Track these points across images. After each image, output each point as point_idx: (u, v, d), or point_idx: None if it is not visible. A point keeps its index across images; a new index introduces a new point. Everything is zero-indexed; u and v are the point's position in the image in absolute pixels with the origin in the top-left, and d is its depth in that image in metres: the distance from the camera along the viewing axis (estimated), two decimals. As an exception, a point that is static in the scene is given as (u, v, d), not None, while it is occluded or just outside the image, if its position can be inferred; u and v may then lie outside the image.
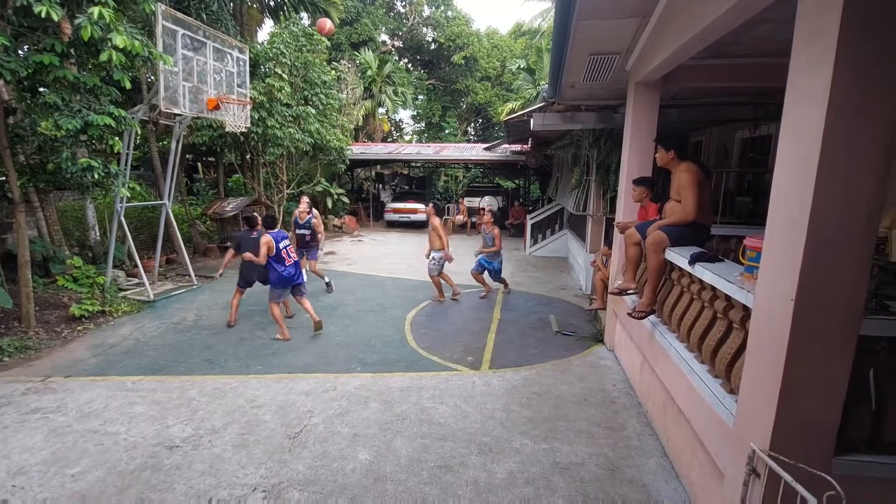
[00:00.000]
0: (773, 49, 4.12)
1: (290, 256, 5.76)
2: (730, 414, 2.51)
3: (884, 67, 1.79)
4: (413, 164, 22.25)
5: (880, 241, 3.51)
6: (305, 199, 8.02)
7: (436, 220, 7.50)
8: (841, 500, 1.79)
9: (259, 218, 6.22)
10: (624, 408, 4.21)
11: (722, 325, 2.89)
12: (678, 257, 3.46)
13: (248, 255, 5.68)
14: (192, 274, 8.49)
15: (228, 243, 7.97)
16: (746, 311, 2.54)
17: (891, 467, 2.17)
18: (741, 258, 2.75)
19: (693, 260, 3.18)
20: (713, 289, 2.98)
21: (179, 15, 6.86)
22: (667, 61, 3.84)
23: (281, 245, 5.67)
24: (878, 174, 1.87)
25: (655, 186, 4.75)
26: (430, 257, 7.46)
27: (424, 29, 27.89)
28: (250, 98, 8.81)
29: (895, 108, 1.83)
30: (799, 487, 1.88)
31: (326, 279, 7.98)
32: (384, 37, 26.59)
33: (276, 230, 5.82)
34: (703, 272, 3.04)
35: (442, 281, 7.56)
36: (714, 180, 6.06)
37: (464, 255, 10.90)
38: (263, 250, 5.52)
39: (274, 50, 10.66)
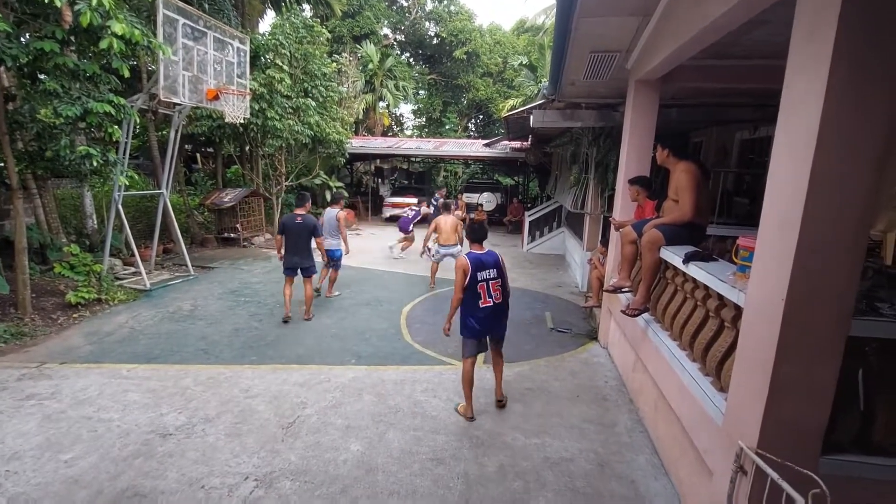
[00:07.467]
0: (773, 51, 4.11)
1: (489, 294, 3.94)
2: (719, 412, 2.53)
3: (882, 66, 1.78)
4: (413, 160, 22.22)
5: (875, 244, 3.54)
6: None
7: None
8: (826, 499, 1.81)
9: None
10: (616, 405, 4.23)
11: (714, 323, 2.91)
12: (673, 256, 3.48)
13: None
14: (189, 264, 8.48)
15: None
16: (738, 311, 2.55)
17: (878, 468, 2.19)
18: (735, 258, 2.76)
19: (687, 259, 3.19)
20: (706, 288, 2.99)
21: (181, 4, 6.82)
22: (667, 60, 3.84)
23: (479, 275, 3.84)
24: (873, 175, 1.86)
25: (652, 186, 4.76)
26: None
27: (427, 23, 27.79)
28: (250, 89, 8.78)
29: (892, 108, 1.82)
30: (785, 485, 1.90)
31: None
32: (386, 30, 26.47)
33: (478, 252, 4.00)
34: (697, 271, 3.05)
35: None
36: (712, 180, 6.06)
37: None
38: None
39: (274, 41, 10.61)
